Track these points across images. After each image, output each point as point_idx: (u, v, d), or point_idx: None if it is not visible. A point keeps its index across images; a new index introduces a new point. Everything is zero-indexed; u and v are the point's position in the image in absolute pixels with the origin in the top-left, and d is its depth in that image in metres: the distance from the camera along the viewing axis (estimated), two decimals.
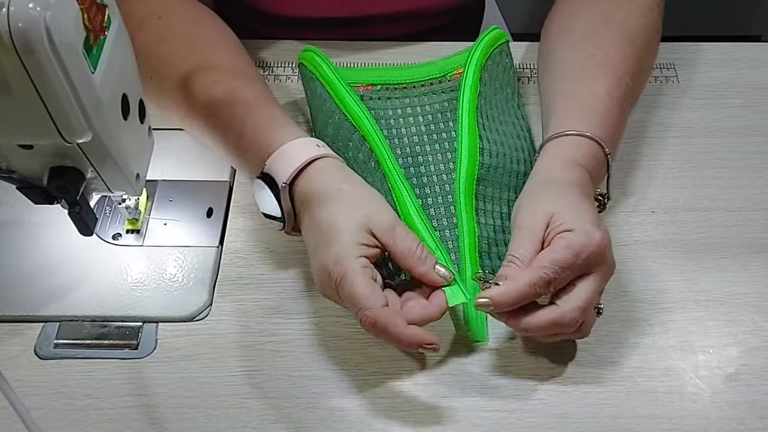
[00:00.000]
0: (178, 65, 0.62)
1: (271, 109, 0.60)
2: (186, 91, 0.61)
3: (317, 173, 0.55)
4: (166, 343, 0.57)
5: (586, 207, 0.54)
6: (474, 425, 0.53)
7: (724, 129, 0.71)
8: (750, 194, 0.66)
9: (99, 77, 0.44)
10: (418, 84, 0.70)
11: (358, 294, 0.50)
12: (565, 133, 0.59)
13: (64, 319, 0.58)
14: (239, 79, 0.63)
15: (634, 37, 0.65)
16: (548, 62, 0.68)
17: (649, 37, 0.67)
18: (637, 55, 0.65)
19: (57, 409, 0.53)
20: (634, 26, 0.66)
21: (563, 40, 0.67)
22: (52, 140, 0.43)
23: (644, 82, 0.69)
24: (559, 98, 0.63)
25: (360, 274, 0.50)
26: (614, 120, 0.62)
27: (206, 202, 0.65)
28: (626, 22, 0.66)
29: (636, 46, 0.65)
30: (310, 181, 0.55)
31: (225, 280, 0.61)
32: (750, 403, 0.54)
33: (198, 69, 0.61)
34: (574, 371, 0.55)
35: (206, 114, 0.61)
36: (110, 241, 0.62)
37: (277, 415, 0.53)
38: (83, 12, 0.41)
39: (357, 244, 0.51)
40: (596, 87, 0.62)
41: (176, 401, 0.54)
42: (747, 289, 0.60)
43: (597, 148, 0.59)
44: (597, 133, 0.59)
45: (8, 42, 0.37)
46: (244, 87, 0.62)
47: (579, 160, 0.58)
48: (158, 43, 0.63)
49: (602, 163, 0.60)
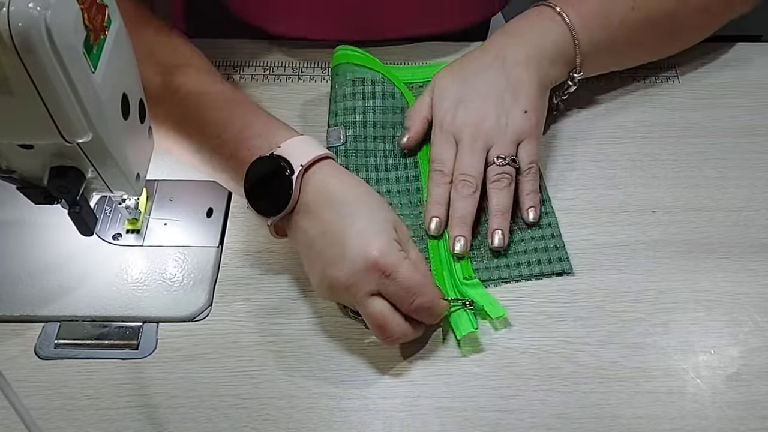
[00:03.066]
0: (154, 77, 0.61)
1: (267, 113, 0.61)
2: (167, 89, 0.60)
3: (334, 167, 0.56)
4: (167, 344, 0.57)
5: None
6: (474, 425, 0.53)
7: (724, 129, 0.71)
8: (751, 194, 0.66)
9: (99, 77, 0.44)
10: (417, 84, 0.72)
11: (416, 281, 0.52)
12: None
13: (65, 319, 0.58)
14: (225, 82, 0.63)
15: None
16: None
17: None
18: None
19: (57, 409, 0.53)
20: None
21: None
22: (53, 140, 0.43)
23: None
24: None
25: (409, 263, 0.52)
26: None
27: (206, 202, 0.65)
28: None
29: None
30: (327, 176, 0.55)
31: (225, 280, 0.60)
32: (750, 404, 0.54)
33: (177, 69, 0.62)
34: (574, 371, 0.55)
35: (201, 108, 0.60)
36: (110, 241, 0.62)
37: (277, 415, 0.53)
38: (83, 12, 0.41)
39: (395, 240, 0.53)
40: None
41: (176, 401, 0.54)
42: (748, 289, 0.60)
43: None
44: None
45: (8, 42, 0.37)
46: (236, 90, 0.62)
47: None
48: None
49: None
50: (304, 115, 0.72)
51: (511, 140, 0.61)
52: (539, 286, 0.60)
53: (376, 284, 0.52)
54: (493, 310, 0.57)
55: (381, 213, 0.54)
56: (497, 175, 0.60)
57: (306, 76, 0.76)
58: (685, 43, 0.73)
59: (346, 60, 0.70)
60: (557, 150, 0.69)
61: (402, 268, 0.51)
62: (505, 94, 0.61)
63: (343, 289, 0.52)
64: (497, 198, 0.60)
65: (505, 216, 0.60)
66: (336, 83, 0.69)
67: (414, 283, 0.52)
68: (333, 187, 0.54)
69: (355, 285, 0.52)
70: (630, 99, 0.73)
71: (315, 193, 0.54)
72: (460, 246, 0.59)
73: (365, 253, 0.51)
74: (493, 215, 0.60)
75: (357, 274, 0.51)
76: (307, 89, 0.74)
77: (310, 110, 0.72)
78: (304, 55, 0.77)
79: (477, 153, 0.60)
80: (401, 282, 0.51)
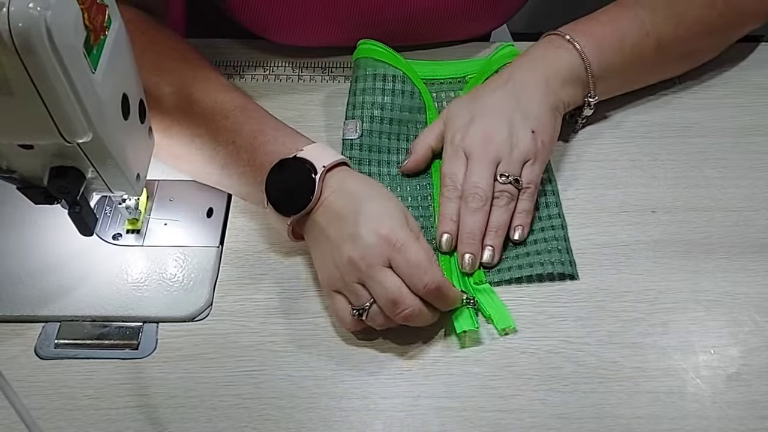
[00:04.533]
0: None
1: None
2: (178, 99, 0.61)
3: (351, 171, 0.59)
4: (167, 344, 0.57)
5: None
6: (474, 425, 0.53)
7: (724, 129, 0.71)
8: (750, 194, 0.66)
9: (99, 77, 0.44)
10: (438, 81, 0.73)
11: (425, 258, 0.53)
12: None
13: (65, 319, 0.58)
14: (234, 88, 0.63)
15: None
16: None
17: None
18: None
19: (57, 409, 0.53)
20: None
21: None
22: (53, 140, 0.43)
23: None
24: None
25: (418, 242, 0.54)
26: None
27: (206, 202, 0.65)
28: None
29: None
30: (345, 176, 0.57)
31: (225, 280, 0.61)
32: (750, 404, 0.54)
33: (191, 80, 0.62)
34: (574, 371, 0.55)
35: (214, 116, 0.60)
36: (110, 241, 0.62)
37: (277, 415, 0.53)
38: (83, 12, 0.41)
39: (406, 225, 0.55)
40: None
41: (176, 401, 0.54)
42: (748, 289, 0.60)
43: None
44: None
45: (8, 42, 0.37)
46: (245, 96, 0.63)
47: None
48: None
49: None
50: (304, 115, 0.72)
51: (517, 159, 0.60)
52: (539, 286, 0.60)
53: (387, 257, 0.53)
54: (500, 320, 0.57)
55: (393, 202, 0.56)
56: (497, 192, 0.60)
57: (306, 76, 0.76)
58: (699, 62, 0.74)
59: (369, 54, 0.70)
60: (557, 150, 0.69)
61: (411, 244, 0.53)
62: (515, 113, 0.62)
63: (355, 263, 0.53)
64: (493, 215, 0.60)
65: (498, 233, 0.60)
66: (357, 76, 0.70)
67: (423, 260, 0.52)
68: (350, 185, 0.56)
69: (366, 258, 0.53)
70: (630, 99, 0.73)
71: (334, 192, 0.56)
72: (468, 263, 0.59)
73: (376, 230, 0.53)
74: (487, 232, 0.60)
75: (368, 248, 0.53)
76: (307, 89, 0.75)
77: (310, 110, 0.72)
78: (304, 55, 0.77)
79: (486, 167, 0.60)
80: (410, 257, 0.52)
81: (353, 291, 0.54)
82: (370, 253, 0.53)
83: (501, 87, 0.64)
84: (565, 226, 0.62)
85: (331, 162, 0.57)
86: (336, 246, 0.54)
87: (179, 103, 0.61)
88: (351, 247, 0.53)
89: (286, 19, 0.72)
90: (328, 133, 0.70)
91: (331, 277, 0.55)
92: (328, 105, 0.73)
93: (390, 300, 0.52)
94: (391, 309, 0.53)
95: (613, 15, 0.67)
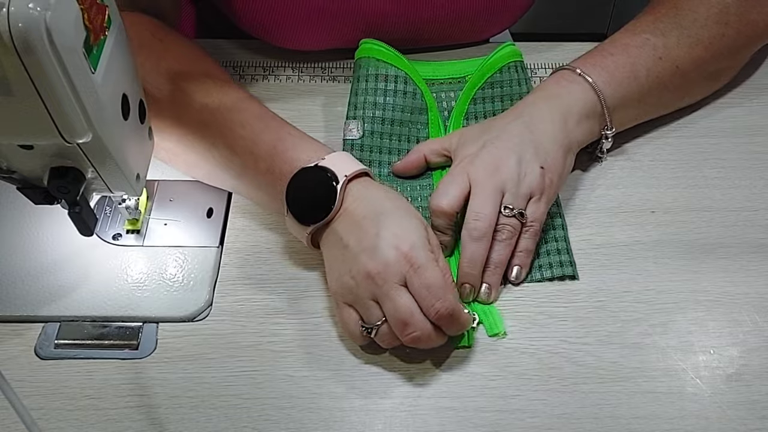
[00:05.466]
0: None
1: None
2: (191, 107, 0.61)
3: (373, 181, 0.58)
4: (167, 344, 0.57)
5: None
6: (474, 425, 0.53)
7: (724, 129, 0.71)
8: (750, 194, 0.66)
9: (99, 77, 0.44)
10: (438, 81, 0.73)
11: (441, 283, 0.52)
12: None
13: (65, 320, 0.58)
14: (251, 97, 0.64)
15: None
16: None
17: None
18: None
19: (57, 409, 0.53)
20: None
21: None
22: (53, 140, 0.43)
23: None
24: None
25: (437, 265, 0.53)
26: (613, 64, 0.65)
27: (206, 202, 0.65)
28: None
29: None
30: (367, 186, 0.57)
31: (225, 280, 0.61)
32: (750, 404, 0.54)
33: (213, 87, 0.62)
34: (574, 371, 0.55)
35: (231, 125, 0.60)
36: (110, 242, 0.62)
37: (277, 415, 0.53)
38: (83, 12, 0.41)
39: (427, 241, 0.54)
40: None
41: (176, 401, 0.54)
42: (747, 289, 0.60)
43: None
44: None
45: (8, 42, 0.37)
46: (261, 105, 0.63)
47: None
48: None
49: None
50: (304, 115, 0.72)
51: (522, 193, 0.59)
52: (539, 286, 0.60)
53: (403, 275, 0.52)
54: (491, 326, 0.57)
55: (416, 219, 0.55)
56: (500, 225, 0.58)
57: (306, 77, 0.76)
58: (722, 83, 0.73)
59: (371, 54, 0.70)
60: None
61: (430, 266, 0.52)
62: (527, 148, 0.60)
63: (372, 278, 0.52)
64: (494, 250, 0.58)
65: (497, 271, 0.58)
66: (359, 76, 0.69)
67: (438, 284, 0.52)
68: (372, 195, 0.56)
69: (383, 273, 0.52)
70: None
71: (355, 201, 0.56)
72: (467, 293, 0.58)
73: (397, 246, 0.52)
74: (486, 266, 0.59)
75: (386, 264, 0.52)
76: (307, 89, 0.75)
77: (310, 110, 0.73)
78: (305, 55, 0.77)
79: (490, 195, 0.58)
80: (426, 279, 0.52)
81: (366, 307, 0.54)
82: (388, 270, 0.52)
83: (514, 122, 0.62)
84: (565, 226, 0.62)
85: (354, 171, 0.56)
86: (353, 256, 0.54)
87: (197, 113, 0.61)
88: (369, 259, 0.53)
89: (291, 27, 0.72)
90: (328, 133, 0.70)
91: (343, 287, 0.55)
92: (328, 105, 0.73)
93: (400, 320, 0.52)
94: (401, 329, 0.52)
95: (623, 44, 0.66)
